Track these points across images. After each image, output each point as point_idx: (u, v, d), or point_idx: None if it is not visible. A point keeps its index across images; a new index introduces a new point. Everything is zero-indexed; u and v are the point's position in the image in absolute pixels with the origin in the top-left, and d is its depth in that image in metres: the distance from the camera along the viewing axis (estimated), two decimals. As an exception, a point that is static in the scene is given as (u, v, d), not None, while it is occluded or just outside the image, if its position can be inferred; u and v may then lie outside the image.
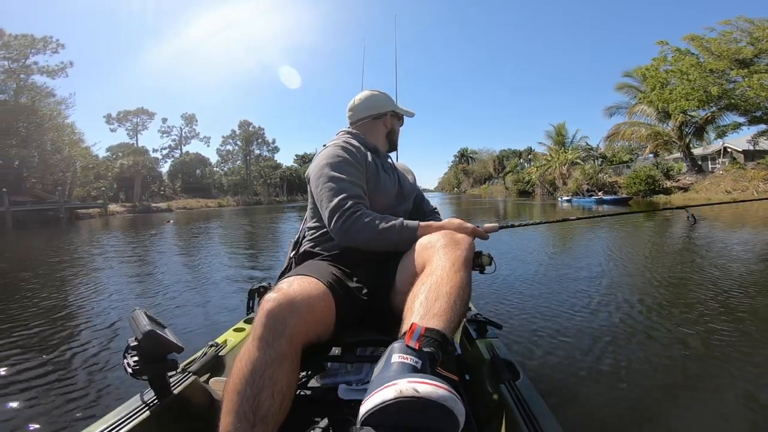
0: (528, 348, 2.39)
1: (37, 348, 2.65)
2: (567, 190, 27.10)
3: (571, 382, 1.98)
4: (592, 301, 3.31)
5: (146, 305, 3.53)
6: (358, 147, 1.25)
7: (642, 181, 21.69)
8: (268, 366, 0.76)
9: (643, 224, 9.43)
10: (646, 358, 2.25)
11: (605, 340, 2.48)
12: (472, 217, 14.60)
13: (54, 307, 3.75)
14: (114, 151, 40.19)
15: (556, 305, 3.23)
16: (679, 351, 2.30)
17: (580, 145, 32.92)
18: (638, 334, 2.59)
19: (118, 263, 6.62)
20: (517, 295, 3.56)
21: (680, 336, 2.51)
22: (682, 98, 18.65)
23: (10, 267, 6.82)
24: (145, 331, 0.84)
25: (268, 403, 0.74)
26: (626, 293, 3.57)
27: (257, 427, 0.71)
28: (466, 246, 0.96)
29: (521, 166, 45.57)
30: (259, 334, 0.79)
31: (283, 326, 0.79)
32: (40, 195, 23.98)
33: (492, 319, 1.35)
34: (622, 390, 1.90)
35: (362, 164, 1.21)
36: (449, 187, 79.51)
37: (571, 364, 2.17)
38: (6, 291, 4.69)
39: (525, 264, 5.02)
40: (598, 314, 2.97)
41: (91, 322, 3.21)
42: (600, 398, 1.83)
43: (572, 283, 3.99)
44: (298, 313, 0.82)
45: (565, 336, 2.56)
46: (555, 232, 8.28)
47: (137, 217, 25.02)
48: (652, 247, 6.26)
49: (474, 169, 65.48)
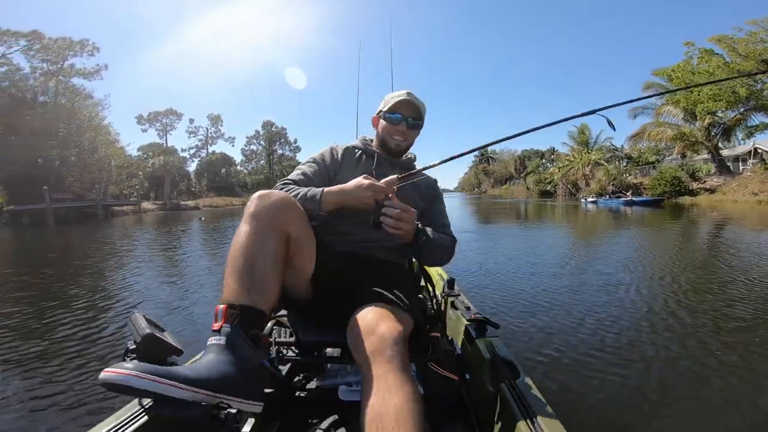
0: (528, 346, 2.40)
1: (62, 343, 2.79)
2: (590, 191, 26.63)
3: (572, 380, 1.97)
4: (595, 299, 3.35)
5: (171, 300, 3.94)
6: (345, 149, 1.32)
7: (667, 182, 21.14)
8: (257, 238, 0.90)
9: (662, 223, 9.33)
10: (650, 357, 2.24)
11: (608, 339, 2.49)
12: (491, 218, 14.61)
13: (87, 299, 4.22)
14: (145, 150, 41.92)
15: (555, 303, 3.26)
16: (684, 352, 2.30)
17: (605, 146, 32.23)
18: (644, 333, 2.60)
19: (161, 257, 7.20)
20: (516, 291, 3.66)
21: (687, 337, 2.52)
22: (710, 99, 18.20)
23: (64, 258, 7.48)
24: (144, 334, 0.84)
25: (260, 270, 0.87)
26: (632, 292, 3.62)
27: (252, 290, 0.85)
28: None
29: (543, 167, 44.88)
30: (249, 213, 0.93)
31: (270, 211, 0.93)
32: (78, 193, 25.38)
33: (491, 319, 1.34)
34: (625, 388, 1.89)
35: (329, 162, 1.28)
36: (470, 187, 78.90)
37: (572, 363, 2.16)
38: (67, 280, 5.23)
39: (521, 264, 5.12)
40: (601, 313, 2.98)
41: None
42: (602, 396, 1.82)
43: (575, 280, 4.08)
44: (285, 208, 0.95)
45: (567, 334, 2.57)
46: (572, 230, 8.26)
47: (167, 214, 26.19)
48: (664, 244, 6.26)
49: (495, 169, 64.81)
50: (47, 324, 3.22)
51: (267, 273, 0.88)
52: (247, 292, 0.84)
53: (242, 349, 0.80)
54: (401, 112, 1.26)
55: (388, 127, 1.29)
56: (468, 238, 7.87)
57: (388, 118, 1.28)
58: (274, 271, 0.90)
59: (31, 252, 9.17)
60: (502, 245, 6.90)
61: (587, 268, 4.89)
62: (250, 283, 0.85)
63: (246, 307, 0.83)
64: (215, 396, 0.73)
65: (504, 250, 6.39)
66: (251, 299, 0.84)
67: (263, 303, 0.86)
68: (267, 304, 0.87)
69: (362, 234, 1.16)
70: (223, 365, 0.76)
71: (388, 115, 1.28)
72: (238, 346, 0.79)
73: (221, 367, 0.75)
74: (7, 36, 22.99)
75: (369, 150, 1.32)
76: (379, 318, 0.87)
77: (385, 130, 1.30)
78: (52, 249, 9.47)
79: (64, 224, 19.48)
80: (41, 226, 18.76)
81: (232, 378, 0.76)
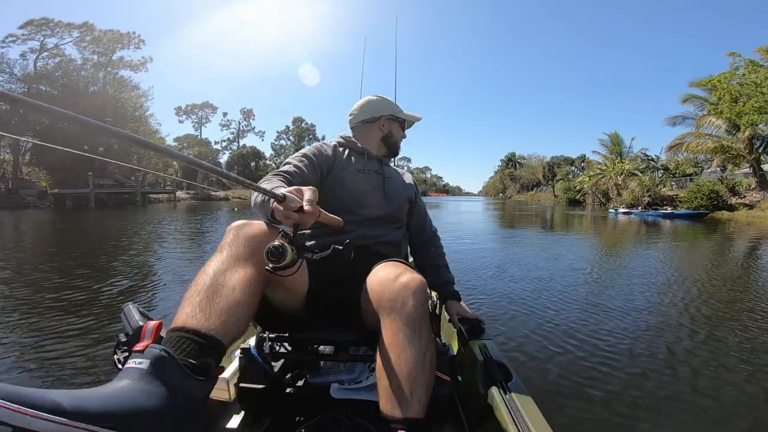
0: (521, 350, 2.44)
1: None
2: (622, 201, 25.94)
3: (563, 384, 2.02)
4: (589, 306, 3.38)
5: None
6: (334, 146, 1.34)
7: (704, 195, 20.37)
8: (229, 266, 0.80)
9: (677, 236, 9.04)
10: (640, 362, 2.29)
11: (600, 344, 2.53)
12: (516, 225, 14.49)
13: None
14: (181, 141, 43.59)
15: (549, 308, 3.28)
16: (675, 359, 2.35)
17: (638, 156, 31.30)
18: (637, 338, 2.66)
19: (194, 244, 7.62)
20: (512, 298, 3.65)
21: (678, 344, 2.57)
22: (755, 112, 17.48)
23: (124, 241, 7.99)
24: (137, 326, 0.81)
25: (226, 297, 0.75)
26: (624, 299, 3.64)
27: (211, 315, 0.72)
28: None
29: (573, 174, 43.91)
30: (225, 243, 0.86)
31: (248, 241, 0.85)
32: (119, 180, 26.69)
33: (486, 322, 1.34)
34: (614, 393, 1.93)
35: (320, 159, 1.25)
36: (494, 192, 77.92)
37: (564, 367, 2.20)
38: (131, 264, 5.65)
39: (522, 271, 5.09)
40: (596, 320, 3.01)
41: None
42: (592, 401, 1.86)
43: (572, 289, 4.06)
44: (265, 237, 0.85)
45: (559, 339, 2.61)
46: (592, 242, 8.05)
47: (199, 203, 27.21)
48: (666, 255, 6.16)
49: (522, 174, 63.81)
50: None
51: (234, 301, 0.76)
52: (204, 317, 0.71)
53: (171, 380, 0.62)
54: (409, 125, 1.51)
55: (401, 133, 1.46)
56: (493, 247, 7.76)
57: (404, 126, 1.47)
58: (243, 303, 0.77)
59: (87, 234, 9.80)
60: (532, 253, 6.93)
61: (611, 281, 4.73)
62: (209, 308, 0.73)
63: (196, 331, 0.69)
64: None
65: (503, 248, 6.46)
66: (206, 323, 0.70)
67: (222, 332, 0.71)
68: (227, 335, 0.72)
69: (360, 230, 1.20)
70: (136, 396, 0.57)
71: (402, 123, 1.46)
72: (167, 374, 0.62)
73: (131, 398, 0.57)
74: (60, 27, 24.37)
75: (357, 147, 1.37)
76: (400, 271, 0.88)
77: (398, 134, 1.44)
78: (103, 231, 10.12)
79: (104, 208, 20.48)
80: (83, 209, 19.84)
81: (143, 415, 0.57)
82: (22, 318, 2.90)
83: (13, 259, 5.53)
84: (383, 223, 1.27)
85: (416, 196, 1.45)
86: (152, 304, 3.39)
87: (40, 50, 24.51)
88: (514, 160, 69.12)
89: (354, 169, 1.29)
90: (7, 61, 23.54)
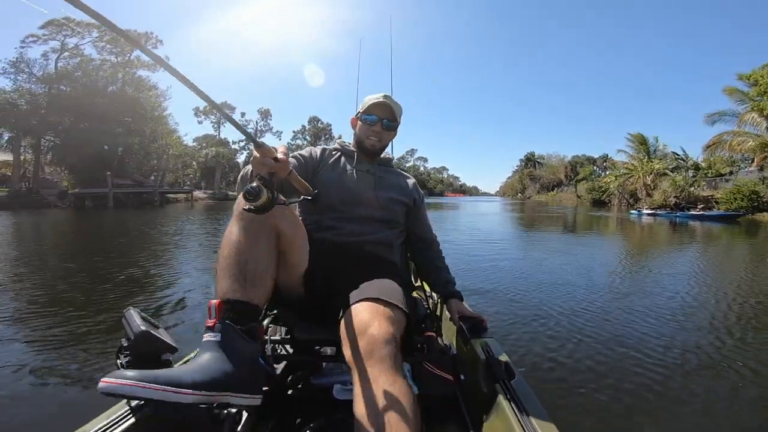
0: (525, 348, 2.46)
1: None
2: (651, 202, 24.76)
3: (567, 382, 2.03)
4: (592, 305, 3.42)
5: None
6: (324, 149, 1.37)
7: (745, 196, 19.22)
8: (248, 236, 0.88)
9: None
10: (644, 361, 2.30)
11: (604, 343, 2.55)
12: (535, 227, 13.85)
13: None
14: (200, 141, 43.90)
15: (554, 308, 3.30)
16: (676, 359, 2.34)
17: (668, 154, 29.91)
18: (641, 338, 2.65)
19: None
20: (515, 299, 3.63)
21: (681, 344, 2.57)
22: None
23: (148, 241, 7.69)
24: (139, 331, 0.84)
25: (253, 267, 0.86)
26: (632, 300, 3.65)
27: (246, 285, 0.84)
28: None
29: (597, 174, 42.52)
30: (238, 212, 0.90)
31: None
32: (138, 179, 26.86)
33: (489, 320, 1.34)
34: (619, 391, 1.94)
35: (308, 159, 1.29)
36: (512, 192, 76.38)
37: (567, 365, 2.22)
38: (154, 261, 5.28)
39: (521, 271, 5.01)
40: (599, 318, 3.06)
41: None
42: (596, 398, 1.87)
43: (578, 288, 4.02)
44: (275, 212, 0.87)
45: (562, 337, 2.63)
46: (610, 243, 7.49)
47: (216, 203, 27.16)
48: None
49: (542, 174, 62.30)
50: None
51: (259, 269, 0.88)
52: (241, 288, 0.84)
53: (238, 345, 0.79)
54: (377, 113, 1.30)
55: (364, 128, 1.33)
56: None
57: (365, 120, 1.32)
58: (267, 267, 0.90)
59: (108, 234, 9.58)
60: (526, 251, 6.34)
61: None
62: (243, 279, 0.85)
63: (240, 302, 0.83)
64: (215, 395, 0.72)
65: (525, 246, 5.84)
66: (245, 294, 0.84)
67: (257, 298, 0.86)
68: (261, 298, 0.88)
69: (350, 227, 1.21)
70: (220, 363, 0.75)
71: (364, 117, 1.32)
72: (234, 341, 0.79)
73: (218, 365, 0.75)
74: (80, 27, 24.54)
75: (347, 150, 1.37)
76: (371, 317, 0.85)
77: (361, 131, 1.34)
78: (122, 232, 9.86)
79: (122, 208, 20.58)
80: (102, 209, 19.93)
81: (230, 375, 0.75)
82: (58, 315, 3.03)
83: (33, 264, 5.25)
84: (373, 222, 1.26)
85: (417, 202, 1.42)
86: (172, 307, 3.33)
87: (61, 50, 24.72)
88: (533, 160, 67.78)
89: (342, 170, 1.31)
90: (27, 61, 23.67)
